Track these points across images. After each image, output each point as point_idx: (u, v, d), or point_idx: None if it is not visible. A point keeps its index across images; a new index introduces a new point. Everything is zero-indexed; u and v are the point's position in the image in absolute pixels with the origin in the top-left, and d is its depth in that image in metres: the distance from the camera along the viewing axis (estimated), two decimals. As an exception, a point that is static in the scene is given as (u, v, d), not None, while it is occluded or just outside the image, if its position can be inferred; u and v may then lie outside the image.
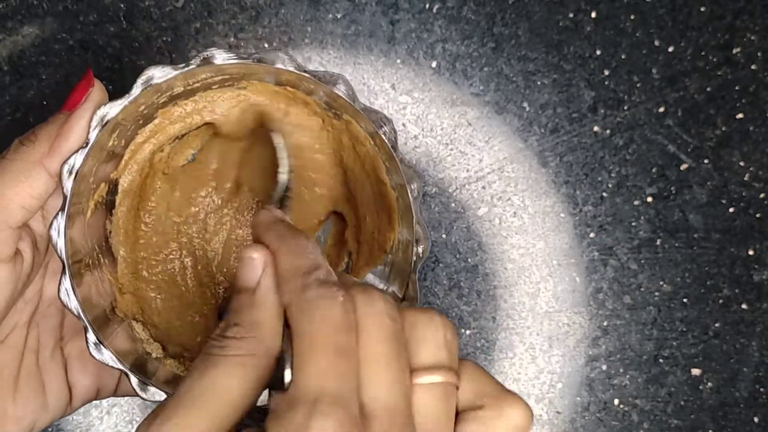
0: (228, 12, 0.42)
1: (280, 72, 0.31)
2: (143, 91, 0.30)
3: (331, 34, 0.43)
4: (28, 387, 0.31)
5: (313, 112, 0.35)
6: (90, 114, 0.30)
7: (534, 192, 0.44)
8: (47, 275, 0.33)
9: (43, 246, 0.32)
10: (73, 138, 0.29)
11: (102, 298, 0.33)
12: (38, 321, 0.33)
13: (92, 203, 0.33)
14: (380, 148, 0.33)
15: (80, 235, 0.31)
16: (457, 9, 0.43)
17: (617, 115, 0.44)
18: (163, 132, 0.35)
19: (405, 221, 0.33)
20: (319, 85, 0.31)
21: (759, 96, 0.44)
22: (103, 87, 0.30)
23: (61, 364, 0.33)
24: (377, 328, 0.22)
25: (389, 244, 0.35)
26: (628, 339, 0.44)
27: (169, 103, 0.34)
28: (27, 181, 0.29)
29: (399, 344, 0.22)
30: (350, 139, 0.35)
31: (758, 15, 0.43)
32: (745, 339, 0.44)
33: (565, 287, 0.44)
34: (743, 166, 0.44)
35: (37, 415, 0.32)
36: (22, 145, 0.30)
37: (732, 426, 0.44)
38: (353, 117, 0.33)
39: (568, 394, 0.44)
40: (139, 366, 0.32)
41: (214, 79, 0.33)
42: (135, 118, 0.32)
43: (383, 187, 0.34)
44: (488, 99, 0.43)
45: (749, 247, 0.44)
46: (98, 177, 0.32)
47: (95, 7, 0.42)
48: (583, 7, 0.43)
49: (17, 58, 0.42)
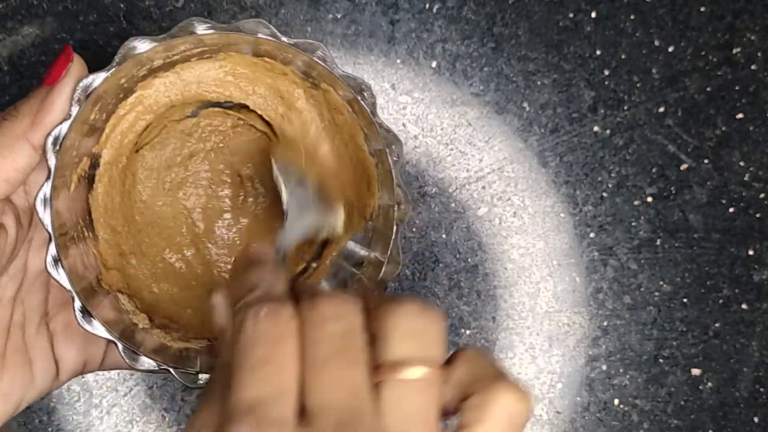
0: (228, 12, 0.42)
1: (259, 42, 0.32)
2: (124, 64, 0.30)
3: (331, 34, 0.43)
4: (15, 363, 0.31)
5: (293, 82, 0.35)
6: (71, 87, 0.30)
7: (534, 192, 0.44)
8: (31, 250, 0.33)
9: (26, 221, 0.32)
10: (56, 110, 0.30)
11: (87, 271, 0.33)
12: (23, 297, 0.33)
13: (75, 177, 0.33)
14: (359, 115, 0.33)
15: (65, 209, 0.32)
16: (457, 9, 0.43)
17: (617, 115, 0.44)
18: (144, 104, 0.35)
19: (385, 186, 0.33)
20: (297, 53, 0.31)
21: (759, 96, 0.44)
22: (82, 61, 0.31)
23: (47, 338, 0.33)
24: (318, 331, 0.21)
25: (369, 210, 0.35)
26: (628, 339, 0.44)
27: (149, 76, 0.34)
28: (10, 155, 0.29)
29: (345, 344, 0.21)
30: (328, 110, 0.35)
31: (758, 15, 0.43)
32: (745, 339, 0.44)
33: (565, 287, 0.44)
34: (743, 166, 0.44)
35: (25, 390, 0.32)
36: (4, 120, 0.30)
37: (732, 426, 0.44)
38: (331, 85, 0.33)
39: (568, 394, 0.44)
40: (126, 336, 0.32)
41: (192, 51, 0.33)
42: (116, 91, 0.33)
43: (361, 153, 0.35)
44: (488, 99, 0.43)
45: (749, 247, 0.44)
46: (80, 151, 0.33)
47: (95, 7, 0.42)
48: (583, 7, 0.43)
49: (17, 58, 0.42)
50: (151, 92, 0.35)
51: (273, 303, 0.22)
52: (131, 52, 0.30)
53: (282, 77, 0.35)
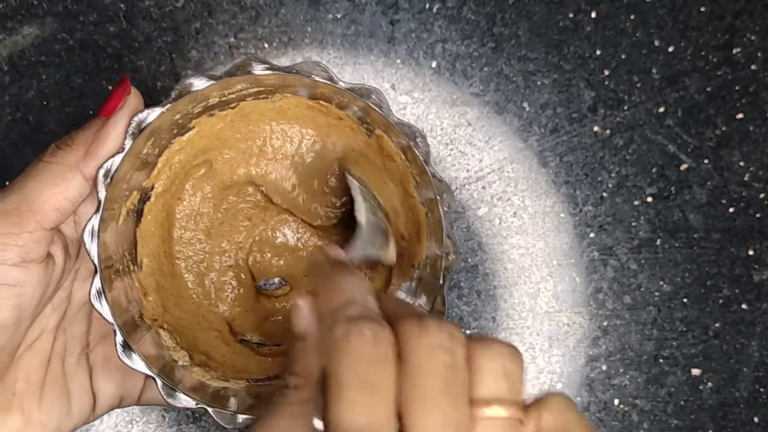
0: (228, 12, 0.42)
1: (316, 85, 0.31)
2: (179, 100, 0.30)
3: (331, 34, 0.43)
4: (54, 393, 0.31)
5: (349, 127, 0.35)
6: (126, 120, 0.30)
7: (534, 192, 0.44)
8: (76, 282, 0.33)
9: (74, 251, 0.32)
10: (109, 143, 0.30)
11: (130, 305, 0.33)
12: (65, 327, 0.33)
13: (124, 210, 0.33)
14: (412, 163, 0.33)
15: (112, 241, 0.32)
16: (457, 9, 0.43)
17: (617, 115, 0.44)
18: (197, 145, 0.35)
19: (435, 236, 0.33)
20: (353, 98, 0.31)
21: (759, 96, 0.44)
22: (139, 94, 0.31)
23: (86, 370, 0.33)
24: (426, 360, 0.21)
25: (418, 258, 0.35)
26: (628, 339, 0.44)
27: (204, 113, 0.34)
28: (62, 184, 0.29)
29: (453, 377, 0.21)
30: (381, 156, 0.35)
31: (758, 15, 0.43)
32: (745, 339, 0.44)
33: (565, 287, 0.44)
34: (743, 166, 0.44)
35: (61, 421, 0.32)
36: (58, 149, 0.30)
37: (732, 426, 0.44)
38: (386, 131, 0.33)
39: (568, 394, 0.44)
40: (165, 372, 0.32)
41: (249, 90, 0.33)
42: (170, 126, 0.32)
43: (412, 201, 0.34)
44: (488, 99, 0.43)
45: (749, 247, 0.44)
46: (131, 184, 0.32)
47: (95, 7, 0.42)
48: (583, 7, 0.43)
49: (17, 58, 0.42)
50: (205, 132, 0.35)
51: (377, 324, 0.21)
52: (188, 88, 0.30)
53: (337, 122, 0.35)
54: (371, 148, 0.36)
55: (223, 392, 0.33)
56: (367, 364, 0.21)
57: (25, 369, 0.31)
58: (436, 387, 0.21)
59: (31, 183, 0.29)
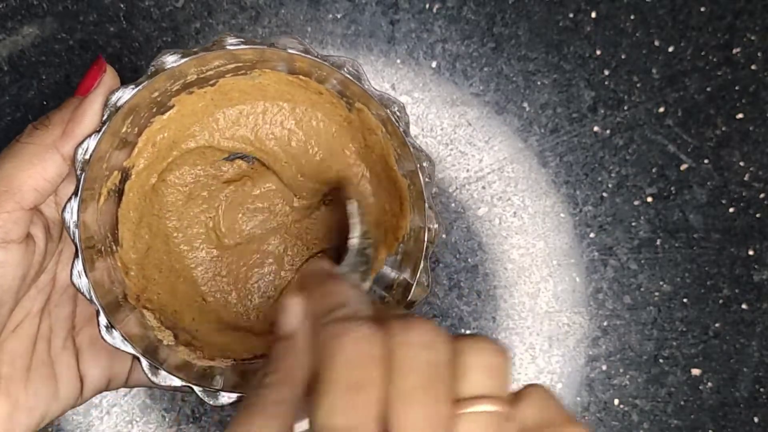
0: (228, 12, 0.42)
1: (293, 58, 0.31)
2: (155, 77, 0.30)
3: (331, 34, 0.43)
4: (40, 376, 0.31)
5: (330, 102, 0.35)
6: (103, 98, 0.30)
7: (534, 192, 0.44)
8: (60, 264, 0.33)
9: (56, 233, 0.32)
10: (87, 122, 0.30)
11: (114, 286, 0.33)
12: (51, 310, 0.33)
13: (105, 190, 0.33)
14: (392, 135, 0.33)
15: (93, 221, 0.32)
16: (457, 9, 0.43)
17: (617, 115, 0.44)
18: (179, 123, 0.35)
19: (417, 207, 0.33)
20: (331, 71, 0.31)
21: (759, 96, 0.44)
22: (115, 72, 0.31)
23: (72, 353, 0.33)
24: (410, 359, 0.21)
25: (402, 231, 0.35)
26: (628, 339, 0.44)
27: (183, 91, 0.33)
28: (40, 164, 0.29)
29: (436, 374, 0.21)
30: (362, 132, 0.35)
31: (758, 15, 0.43)
32: (745, 339, 0.44)
33: (565, 287, 0.44)
34: (743, 166, 0.44)
35: (49, 405, 0.32)
36: (35, 129, 0.30)
37: (732, 426, 0.44)
38: (365, 103, 0.33)
39: (568, 394, 0.44)
40: (150, 352, 0.32)
41: (227, 66, 0.33)
42: (148, 104, 0.32)
43: (393, 174, 0.34)
44: (488, 99, 0.43)
45: (749, 247, 0.44)
46: (111, 164, 0.32)
47: (95, 7, 0.42)
48: (583, 7, 0.43)
49: (17, 58, 0.42)
50: (186, 110, 0.35)
51: (369, 325, 0.21)
52: (163, 65, 0.30)
53: (317, 96, 0.35)
54: (352, 124, 0.36)
55: (208, 371, 0.33)
56: (355, 364, 0.21)
57: (10, 353, 0.31)
58: (417, 384, 0.21)
59: (8, 164, 0.29)
